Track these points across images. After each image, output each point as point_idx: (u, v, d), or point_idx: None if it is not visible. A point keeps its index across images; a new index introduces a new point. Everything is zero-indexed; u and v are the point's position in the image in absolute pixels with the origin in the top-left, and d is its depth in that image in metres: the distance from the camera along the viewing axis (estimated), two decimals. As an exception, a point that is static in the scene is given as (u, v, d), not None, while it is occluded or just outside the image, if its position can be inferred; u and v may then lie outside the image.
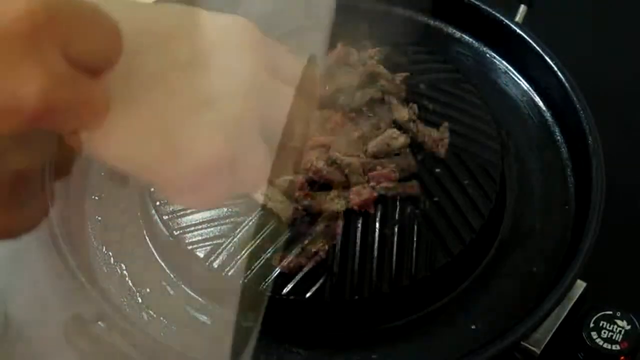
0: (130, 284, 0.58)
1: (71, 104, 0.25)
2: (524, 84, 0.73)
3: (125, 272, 0.59)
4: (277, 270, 0.55)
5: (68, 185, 0.61)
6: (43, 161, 0.26)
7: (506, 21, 0.73)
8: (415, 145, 0.62)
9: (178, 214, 0.58)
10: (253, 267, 0.55)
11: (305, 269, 0.55)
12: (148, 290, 0.58)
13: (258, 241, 0.57)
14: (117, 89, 0.28)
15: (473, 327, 0.57)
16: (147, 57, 0.28)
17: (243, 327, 0.31)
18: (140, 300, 0.57)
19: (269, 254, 0.56)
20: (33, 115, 0.24)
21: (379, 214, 0.58)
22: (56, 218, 0.56)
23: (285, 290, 0.55)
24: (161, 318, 0.56)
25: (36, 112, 0.24)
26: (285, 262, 0.55)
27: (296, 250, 0.56)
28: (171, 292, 0.58)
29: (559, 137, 0.69)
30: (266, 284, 0.55)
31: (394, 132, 0.62)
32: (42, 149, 0.26)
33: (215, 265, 0.56)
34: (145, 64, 0.28)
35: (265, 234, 0.57)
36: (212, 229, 0.58)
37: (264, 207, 0.53)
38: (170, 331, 0.55)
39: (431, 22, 0.77)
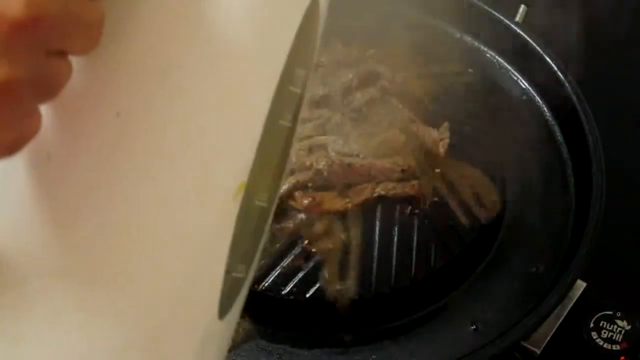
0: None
1: (59, 17, 0.25)
2: (524, 84, 0.73)
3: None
4: (278, 271, 0.56)
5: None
6: (27, 77, 0.25)
7: (506, 21, 0.73)
8: (415, 145, 0.62)
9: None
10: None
11: (305, 269, 0.55)
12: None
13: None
14: (114, 14, 0.27)
15: (473, 327, 0.57)
16: None
17: (233, 278, 0.31)
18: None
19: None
20: (18, 24, 0.24)
21: (379, 214, 0.58)
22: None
23: (285, 291, 0.55)
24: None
25: (21, 20, 0.24)
26: (285, 262, 0.56)
27: (296, 250, 0.56)
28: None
29: (559, 137, 0.69)
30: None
31: (394, 132, 0.62)
32: (26, 62, 0.25)
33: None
34: None
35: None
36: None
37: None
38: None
39: (431, 21, 0.77)
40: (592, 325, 0.57)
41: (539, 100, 0.72)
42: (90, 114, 0.28)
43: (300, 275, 0.55)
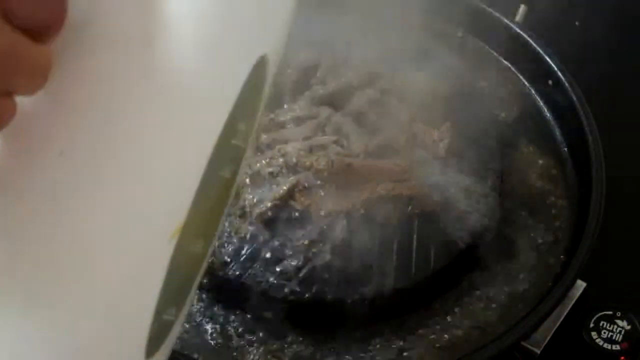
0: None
1: (6, 58, 0.25)
2: (524, 84, 0.73)
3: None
4: (279, 271, 0.56)
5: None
6: None
7: (506, 21, 0.73)
8: (415, 146, 0.62)
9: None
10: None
11: (306, 270, 0.55)
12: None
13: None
14: (62, 59, 0.28)
15: (473, 327, 0.57)
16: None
17: (163, 319, 0.32)
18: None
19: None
20: None
21: (379, 214, 0.58)
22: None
23: (285, 290, 0.55)
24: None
25: None
26: (285, 263, 0.56)
27: (296, 251, 0.56)
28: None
29: (559, 137, 0.69)
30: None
31: (394, 132, 0.62)
32: None
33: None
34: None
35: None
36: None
37: None
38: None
39: (431, 21, 0.77)
40: (592, 325, 0.57)
41: (539, 100, 0.72)
42: (34, 151, 0.29)
43: (300, 275, 0.55)
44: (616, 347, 0.56)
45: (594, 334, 0.57)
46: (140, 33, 0.29)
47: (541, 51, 0.70)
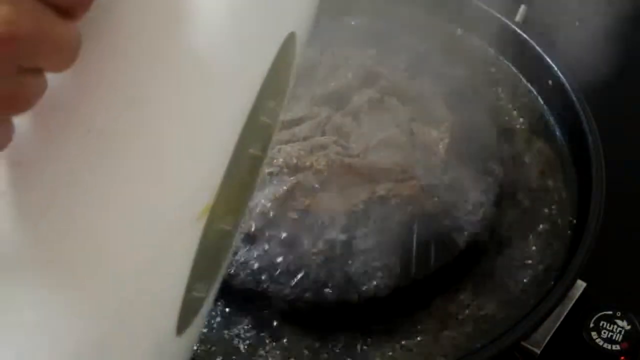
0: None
1: (33, 36, 0.26)
2: (524, 84, 0.73)
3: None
4: (278, 271, 0.56)
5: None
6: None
7: (506, 21, 0.73)
8: (415, 146, 0.62)
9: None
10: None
11: (306, 270, 0.55)
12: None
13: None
14: (89, 37, 0.28)
15: (473, 326, 0.57)
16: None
17: (194, 296, 0.32)
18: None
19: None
20: None
21: (379, 214, 0.58)
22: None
23: (285, 291, 0.55)
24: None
25: None
26: (285, 263, 0.56)
27: (296, 251, 0.56)
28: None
29: (559, 137, 0.69)
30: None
31: (394, 132, 0.62)
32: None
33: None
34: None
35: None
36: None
37: None
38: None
39: (431, 21, 0.77)
40: (592, 325, 0.57)
41: (539, 100, 0.72)
42: (62, 128, 0.29)
43: (299, 276, 0.55)
44: (616, 347, 0.56)
45: (594, 334, 0.57)
46: (170, 11, 0.29)
47: (541, 51, 0.70)
